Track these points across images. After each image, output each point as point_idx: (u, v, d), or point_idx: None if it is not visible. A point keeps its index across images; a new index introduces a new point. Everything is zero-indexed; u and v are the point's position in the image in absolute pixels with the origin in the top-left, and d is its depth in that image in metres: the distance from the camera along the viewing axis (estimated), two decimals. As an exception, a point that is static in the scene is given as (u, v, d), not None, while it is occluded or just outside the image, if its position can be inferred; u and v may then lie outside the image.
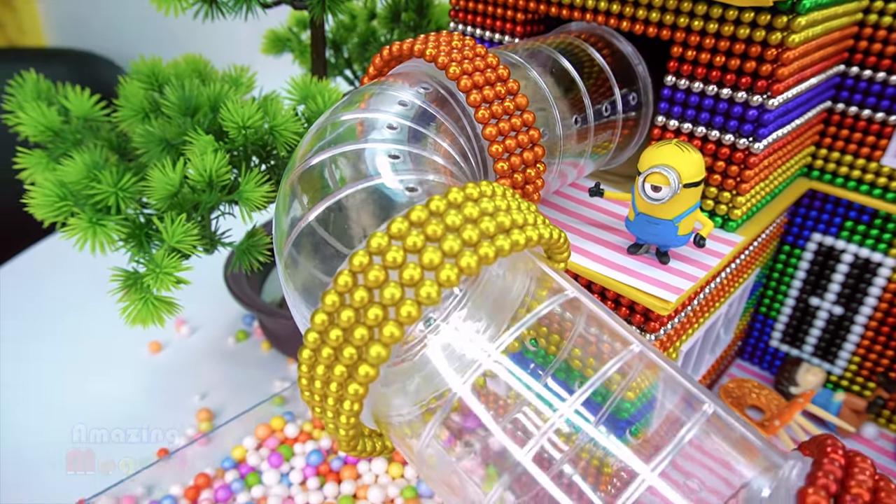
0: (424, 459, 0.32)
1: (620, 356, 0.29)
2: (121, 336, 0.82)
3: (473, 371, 0.29)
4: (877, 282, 0.61)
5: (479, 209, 0.29)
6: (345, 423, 0.29)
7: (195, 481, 0.57)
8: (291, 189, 0.35)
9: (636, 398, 0.32)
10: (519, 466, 0.27)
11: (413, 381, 0.32)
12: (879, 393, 0.62)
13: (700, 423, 0.28)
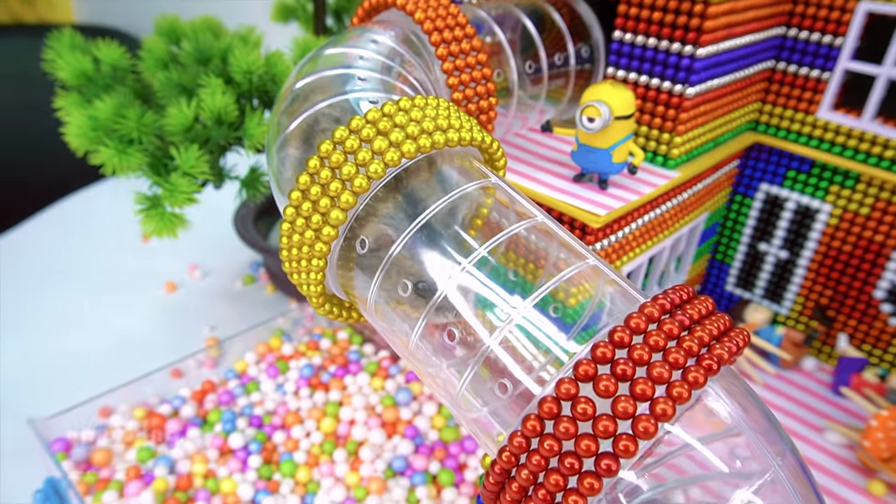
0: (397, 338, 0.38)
1: (577, 266, 0.36)
2: (140, 278, 0.91)
3: (451, 275, 0.35)
4: (816, 227, 0.67)
5: (423, 113, 0.37)
6: (314, 279, 0.37)
7: (202, 387, 0.66)
8: (279, 107, 0.43)
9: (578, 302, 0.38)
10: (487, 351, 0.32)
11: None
12: (815, 326, 0.69)
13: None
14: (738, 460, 0.29)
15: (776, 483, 0.28)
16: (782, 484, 0.28)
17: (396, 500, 0.57)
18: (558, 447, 0.27)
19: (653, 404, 0.27)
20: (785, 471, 0.28)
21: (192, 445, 0.58)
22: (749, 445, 0.29)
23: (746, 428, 0.30)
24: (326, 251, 0.36)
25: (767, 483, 0.28)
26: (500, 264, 0.34)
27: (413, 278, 0.35)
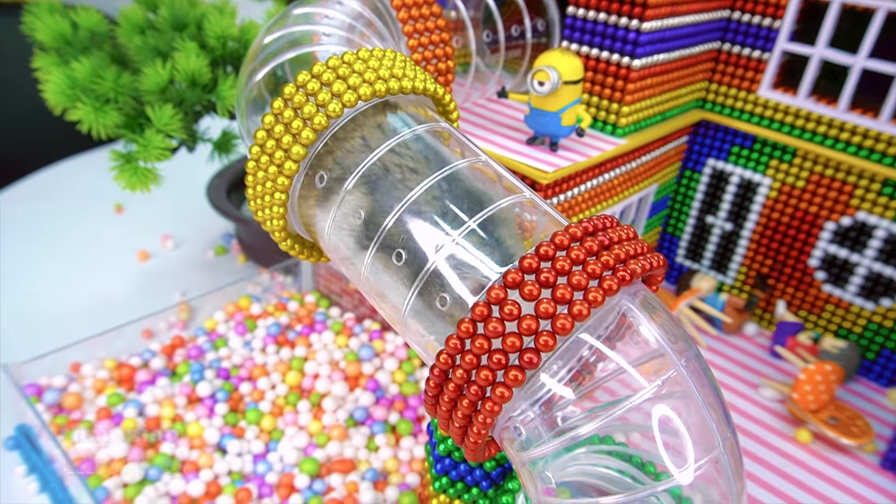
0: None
1: (515, 196, 0.39)
2: (114, 248, 0.93)
3: (402, 205, 0.38)
4: (758, 199, 0.72)
5: (380, 63, 0.40)
6: (277, 213, 0.40)
7: (172, 342, 0.68)
8: (248, 61, 0.46)
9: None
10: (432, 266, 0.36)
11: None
12: (755, 292, 0.73)
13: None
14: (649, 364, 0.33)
15: (679, 380, 0.32)
16: (685, 379, 0.32)
17: (357, 446, 0.60)
18: (488, 345, 0.31)
19: (570, 306, 0.30)
20: (688, 371, 0.32)
21: (160, 392, 0.61)
22: (661, 352, 0.33)
23: (662, 340, 0.33)
24: (288, 185, 0.39)
25: (671, 378, 0.32)
26: (447, 196, 0.38)
27: (365, 209, 0.38)
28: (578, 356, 0.33)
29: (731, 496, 0.33)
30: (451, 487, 0.45)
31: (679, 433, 0.32)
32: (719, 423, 0.32)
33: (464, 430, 0.33)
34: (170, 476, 0.54)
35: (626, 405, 0.31)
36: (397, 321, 0.38)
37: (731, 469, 0.32)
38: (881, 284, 0.66)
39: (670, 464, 0.32)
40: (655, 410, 0.32)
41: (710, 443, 0.32)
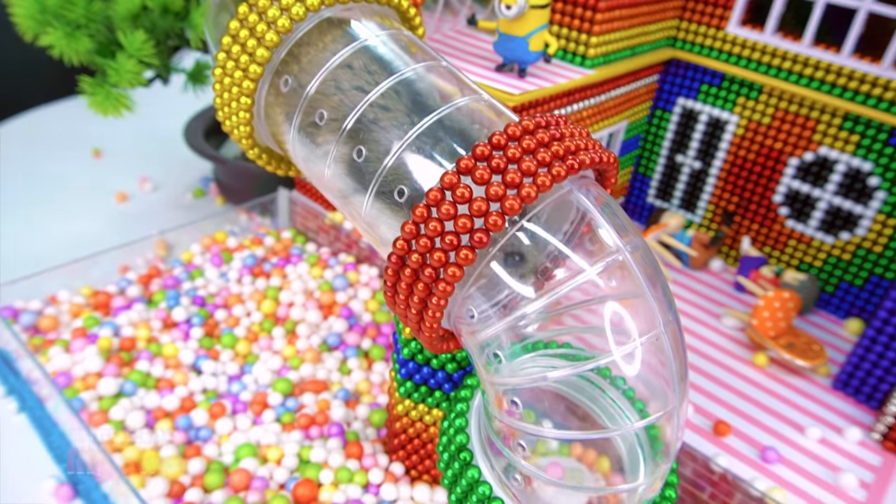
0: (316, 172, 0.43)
1: (473, 97, 0.40)
2: (93, 190, 0.93)
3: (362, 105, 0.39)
4: (725, 137, 0.73)
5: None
6: (243, 118, 0.41)
7: (148, 271, 0.69)
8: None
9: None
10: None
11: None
12: (721, 227, 0.75)
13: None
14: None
15: (624, 266, 0.33)
16: (630, 265, 0.33)
17: (329, 369, 0.62)
18: (441, 228, 0.32)
19: (519, 189, 0.32)
20: (631, 255, 0.34)
21: (136, 316, 0.62)
22: (609, 239, 0.34)
23: (613, 233, 0.35)
24: (253, 88, 0.40)
25: (612, 261, 0.33)
26: (406, 97, 0.38)
27: (327, 111, 0.39)
28: (540, 266, 0.35)
29: (672, 380, 0.35)
30: (416, 392, 0.47)
31: (623, 315, 0.34)
32: (661, 308, 0.34)
33: (420, 315, 0.35)
34: (145, 391, 0.55)
35: (570, 284, 0.33)
36: (360, 221, 0.40)
37: (672, 349, 0.34)
38: (840, 218, 0.68)
39: (613, 344, 0.33)
40: (607, 307, 0.34)
41: (652, 323, 0.33)
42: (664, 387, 0.35)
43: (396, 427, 0.50)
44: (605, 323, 0.33)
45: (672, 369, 0.34)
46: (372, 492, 0.49)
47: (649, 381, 0.35)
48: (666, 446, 0.37)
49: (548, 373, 0.34)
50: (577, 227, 0.35)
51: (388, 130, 0.37)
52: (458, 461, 0.39)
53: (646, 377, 0.35)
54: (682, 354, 0.36)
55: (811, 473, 0.53)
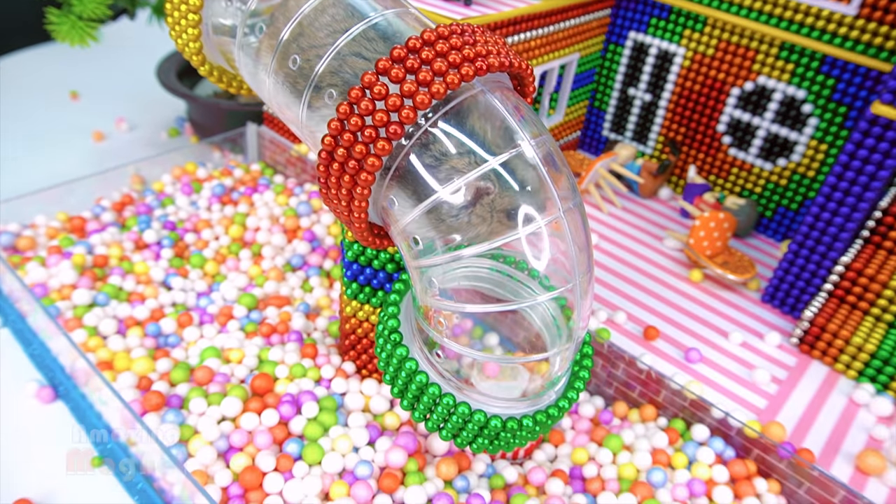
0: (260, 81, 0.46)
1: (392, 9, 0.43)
2: (70, 131, 0.96)
3: (296, 17, 0.42)
4: (673, 69, 0.76)
5: None
6: (192, 34, 0.44)
7: (121, 199, 0.73)
8: None
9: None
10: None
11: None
12: (668, 156, 0.79)
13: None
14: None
15: (522, 156, 0.37)
16: (534, 165, 0.37)
17: (292, 286, 0.66)
18: (361, 122, 0.36)
19: (430, 86, 0.35)
20: (537, 151, 0.38)
21: (109, 237, 0.66)
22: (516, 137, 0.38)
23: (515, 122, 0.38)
24: (199, 5, 0.43)
25: (515, 153, 0.37)
26: (336, 7, 0.42)
27: (266, 24, 0.42)
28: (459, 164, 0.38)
29: (573, 259, 0.39)
30: (361, 292, 0.51)
31: (527, 206, 0.38)
32: (563, 197, 0.38)
33: (349, 206, 0.39)
34: (117, 303, 0.60)
35: (475, 172, 0.37)
36: (302, 127, 0.43)
37: (572, 234, 0.38)
38: (777, 145, 0.72)
39: (532, 257, 0.38)
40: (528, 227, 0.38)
41: (553, 210, 0.37)
42: (567, 268, 0.39)
43: (346, 328, 0.54)
44: (515, 212, 0.37)
45: (572, 251, 0.38)
46: (324, 385, 0.54)
47: (556, 267, 0.39)
48: (571, 331, 0.41)
49: (462, 251, 0.38)
50: (499, 138, 0.39)
51: (319, 40, 0.40)
52: (389, 343, 0.43)
53: (552, 264, 0.39)
54: (585, 240, 0.40)
55: (729, 371, 0.58)
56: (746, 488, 0.50)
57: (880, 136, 0.54)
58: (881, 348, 0.57)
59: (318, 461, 0.47)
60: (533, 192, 0.38)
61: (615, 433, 0.54)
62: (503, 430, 0.41)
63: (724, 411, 0.53)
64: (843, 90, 0.66)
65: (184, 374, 0.53)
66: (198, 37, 0.45)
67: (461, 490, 0.48)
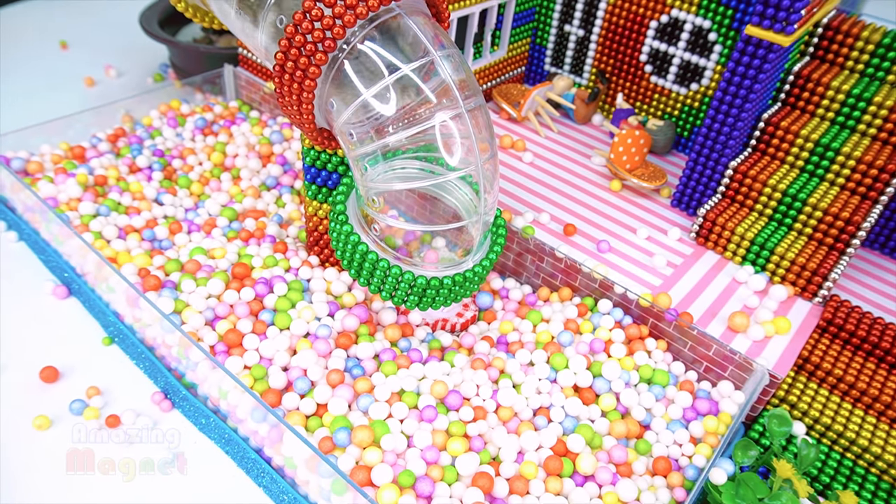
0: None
1: None
2: (63, 78, 1.05)
3: None
4: (601, 6, 0.86)
5: None
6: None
7: (115, 132, 0.83)
8: None
9: None
10: None
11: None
12: (597, 84, 0.89)
13: None
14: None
15: (430, 65, 0.48)
16: (440, 68, 0.47)
17: (267, 202, 0.76)
18: (304, 39, 0.46)
19: (356, 8, 0.45)
20: (443, 59, 0.48)
21: (106, 161, 0.76)
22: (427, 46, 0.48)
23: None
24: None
25: (425, 62, 0.47)
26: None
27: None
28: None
29: (475, 146, 0.49)
30: (319, 193, 0.62)
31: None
32: (462, 96, 0.48)
33: (298, 109, 0.49)
34: (117, 215, 0.70)
35: (392, 77, 0.47)
36: (260, 48, 0.53)
37: (472, 126, 0.49)
38: (690, 71, 0.82)
39: (446, 155, 0.48)
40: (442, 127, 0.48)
41: (455, 107, 0.48)
42: (472, 153, 0.50)
43: (310, 226, 0.65)
44: (440, 145, 0.48)
45: (473, 140, 0.49)
46: (292, 273, 0.65)
47: (465, 158, 0.50)
48: (479, 207, 0.52)
49: (388, 139, 0.48)
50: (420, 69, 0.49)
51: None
52: (337, 223, 0.54)
53: (462, 155, 0.50)
54: (488, 134, 0.50)
55: (633, 259, 0.69)
56: (639, 346, 0.62)
57: (753, 54, 0.64)
58: (759, 236, 0.68)
59: (287, 326, 0.58)
60: (440, 93, 0.48)
61: (536, 310, 0.65)
62: (429, 287, 0.52)
63: (623, 287, 0.64)
64: (741, 19, 0.75)
65: (176, 265, 0.64)
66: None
67: (404, 349, 0.60)
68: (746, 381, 0.59)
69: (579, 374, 0.59)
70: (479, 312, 0.67)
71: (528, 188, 0.77)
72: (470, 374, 0.57)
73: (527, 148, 0.84)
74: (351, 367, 0.56)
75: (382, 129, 0.49)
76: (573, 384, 0.59)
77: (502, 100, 0.89)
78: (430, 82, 0.48)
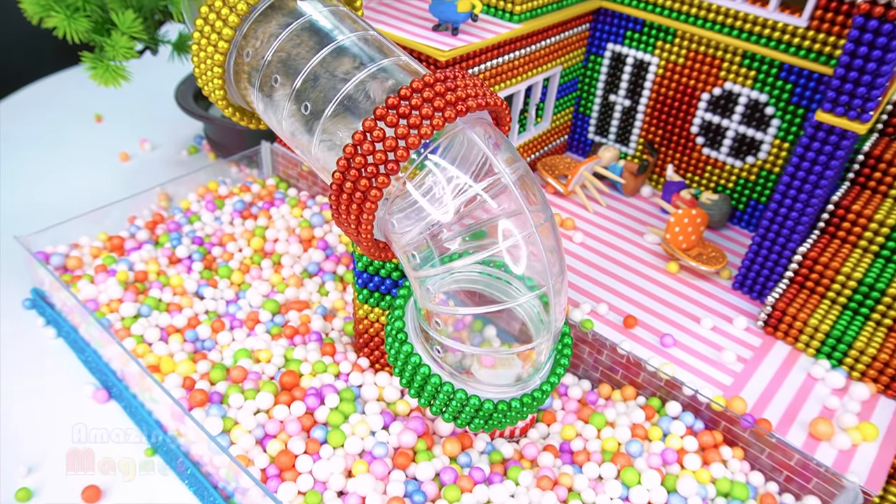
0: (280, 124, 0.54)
1: (395, 58, 0.50)
2: (97, 152, 1.04)
3: (306, 70, 0.50)
4: (648, 77, 0.83)
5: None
6: (217, 84, 0.52)
7: (153, 218, 0.81)
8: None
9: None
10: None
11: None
12: (646, 157, 0.86)
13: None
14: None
15: (505, 187, 0.45)
16: (510, 189, 0.45)
17: (310, 291, 0.74)
18: (364, 161, 0.43)
19: (419, 129, 0.43)
20: (513, 177, 0.45)
21: (146, 254, 0.74)
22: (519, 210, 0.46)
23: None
24: (222, 60, 0.51)
25: (498, 183, 0.44)
26: (340, 58, 0.49)
27: (279, 75, 0.50)
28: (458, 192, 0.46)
29: (545, 265, 0.46)
30: (371, 297, 0.59)
31: (508, 225, 0.45)
32: (535, 216, 0.45)
33: (357, 228, 0.46)
34: (158, 314, 0.68)
35: (492, 251, 0.44)
36: (311, 157, 0.50)
37: (544, 245, 0.45)
38: (745, 144, 0.79)
39: (512, 264, 0.45)
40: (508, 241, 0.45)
41: (527, 227, 0.45)
42: (543, 272, 0.47)
43: (360, 328, 0.62)
44: (497, 233, 0.45)
45: (544, 258, 0.46)
46: (343, 379, 0.62)
47: (534, 269, 0.47)
48: (549, 324, 0.49)
49: (454, 263, 0.46)
50: (481, 165, 0.47)
51: (326, 89, 0.48)
52: (397, 341, 0.51)
53: (531, 268, 0.47)
54: (556, 247, 0.47)
55: (700, 353, 0.65)
56: (713, 455, 0.58)
57: (824, 140, 0.60)
58: (835, 328, 0.64)
59: (341, 444, 0.55)
60: (510, 212, 0.45)
61: (599, 412, 0.61)
62: (495, 411, 0.49)
63: (693, 389, 0.60)
64: (800, 94, 0.72)
65: (221, 373, 0.61)
66: (222, 86, 0.52)
67: (464, 465, 0.56)
68: (836, 498, 0.54)
69: (653, 491, 0.55)
70: (538, 412, 0.63)
71: (582, 273, 0.74)
72: (537, 496, 0.53)
73: (576, 226, 0.81)
74: (411, 491, 0.52)
75: (441, 242, 0.47)
76: (647, 502, 0.54)
77: (547, 174, 0.86)
78: (497, 199, 0.45)
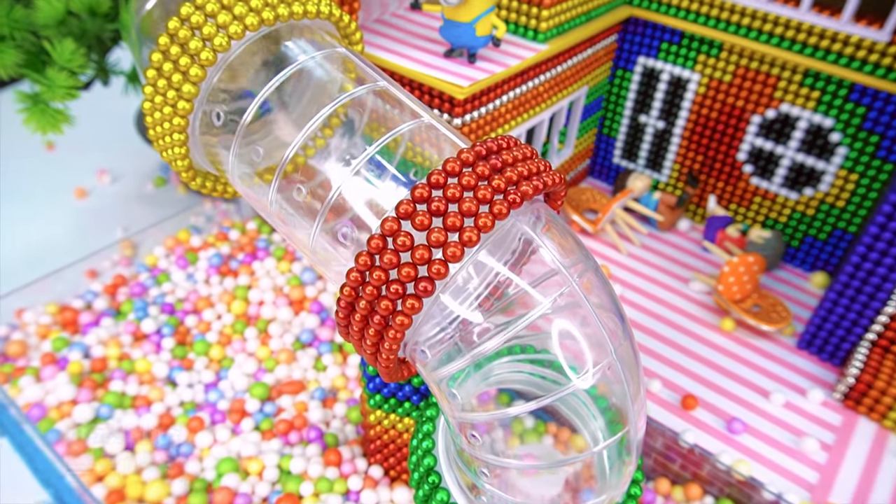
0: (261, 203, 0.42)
1: (408, 123, 0.39)
2: (49, 186, 0.91)
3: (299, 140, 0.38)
4: (687, 96, 0.72)
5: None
6: (179, 153, 0.40)
7: (114, 281, 0.68)
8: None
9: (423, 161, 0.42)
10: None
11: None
12: (686, 188, 0.75)
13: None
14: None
15: (572, 294, 0.33)
16: (577, 293, 0.33)
17: (305, 367, 0.62)
18: (385, 277, 0.32)
19: (461, 233, 0.31)
20: (581, 286, 0.34)
21: (105, 333, 0.62)
22: (556, 271, 0.34)
23: (558, 259, 0.34)
24: (184, 124, 0.38)
25: (565, 293, 0.33)
26: (343, 127, 0.37)
27: (263, 147, 0.38)
28: (487, 278, 0.35)
29: (627, 398, 0.35)
30: (385, 403, 0.47)
31: (577, 342, 0.34)
32: (612, 332, 0.34)
33: (374, 355, 0.35)
34: (122, 412, 0.56)
35: (522, 323, 0.33)
36: (306, 249, 0.39)
37: (624, 375, 0.34)
38: (803, 174, 0.68)
39: (569, 370, 0.34)
40: (554, 325, 0.34)
41: (604, 352, 0.34)
42: (620, 405, 0.36)
43: (371, 434, 0.51)
44: (557, 352, 0.34)
45: (625, 389, 0.35)
46: (352, 499, 0.50)
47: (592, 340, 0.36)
48: (629, 448, 0.38)
49: (508, 409, 0.35)
50: (519, 255, 0.35)
51: (327, 165, 0.36)
52: (427, 484, 0.40)
53: (603, 393, 0.36)
54: (637, 370, 0.36)
55: (775, 440, 0.55)
56: (805, 575, 0.48)
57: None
58: (933, 404, 0.54)
59: None
60: (582, 333, 0.34)
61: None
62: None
63: (775, 494, 0.50)
64: (875, 119, 0.62)
65: (202, 498, 0.49)
66: (185, 154, 0.40)
67: None
68: None
69: None
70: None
71: (624, 335, 0.63)
72: None
73: (612, 274, 0.70)
74: None
75: (470, 334, 0.35)
76: None
77: (572, 210, 0.75)
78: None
